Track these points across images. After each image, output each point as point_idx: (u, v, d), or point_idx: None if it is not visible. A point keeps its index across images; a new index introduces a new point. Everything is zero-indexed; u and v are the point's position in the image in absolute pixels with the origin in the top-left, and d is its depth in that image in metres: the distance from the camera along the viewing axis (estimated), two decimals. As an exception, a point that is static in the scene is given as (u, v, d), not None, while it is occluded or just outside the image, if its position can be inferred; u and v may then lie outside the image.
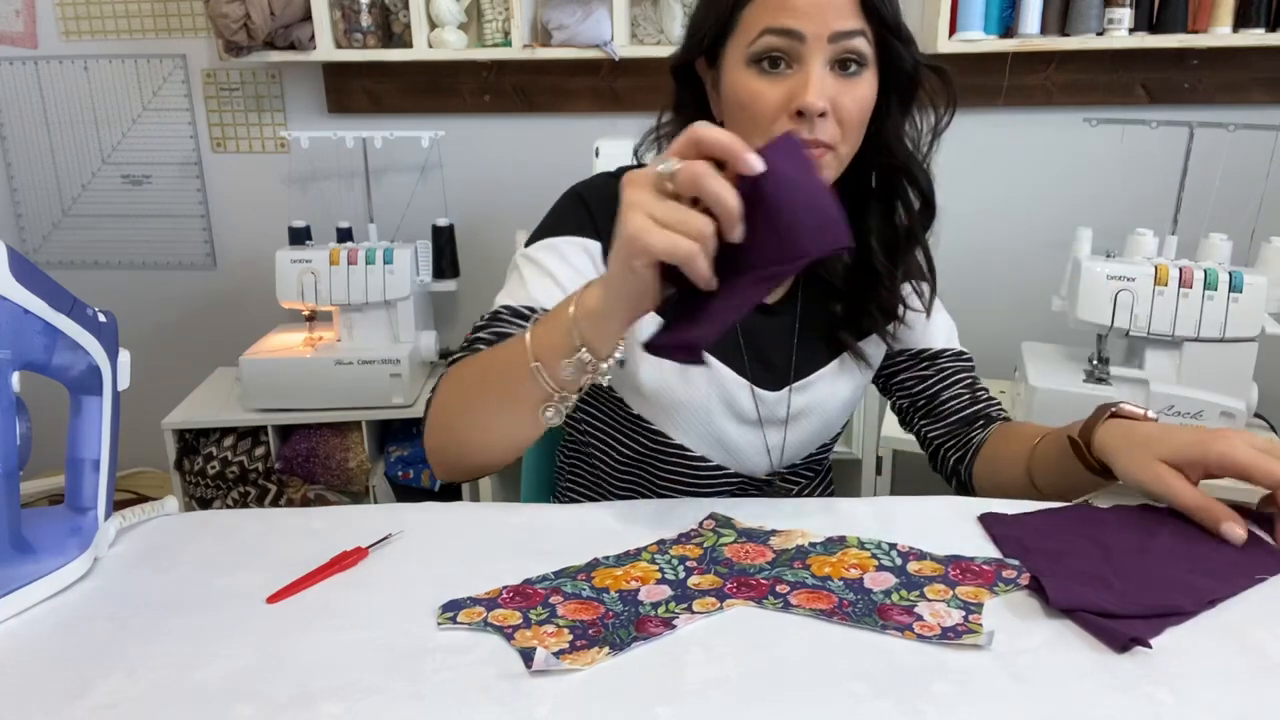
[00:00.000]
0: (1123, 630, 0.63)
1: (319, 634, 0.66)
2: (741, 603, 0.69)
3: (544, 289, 0.93)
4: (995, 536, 0.78)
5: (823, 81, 0.84)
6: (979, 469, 1.02)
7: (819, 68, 0.84)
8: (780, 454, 1.04)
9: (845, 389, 1.06)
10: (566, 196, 1.00)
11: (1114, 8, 1.89)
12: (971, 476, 1.03)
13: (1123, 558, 0.73)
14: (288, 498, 2.16)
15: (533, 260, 0.96)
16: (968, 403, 1.07)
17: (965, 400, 1.07)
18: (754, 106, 0.86)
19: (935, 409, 1.08)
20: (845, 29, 0.83)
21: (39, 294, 0.68)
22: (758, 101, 0.85)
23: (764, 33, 0.84)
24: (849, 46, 0.84)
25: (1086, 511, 0.81)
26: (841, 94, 0.85)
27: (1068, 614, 0.66)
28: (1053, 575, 0.69)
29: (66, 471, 0.77)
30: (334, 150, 2.26)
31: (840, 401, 1.06)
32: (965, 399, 1.07)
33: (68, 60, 2.33)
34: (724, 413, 0.99)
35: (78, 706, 0.59)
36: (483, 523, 0.83)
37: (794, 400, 1.02)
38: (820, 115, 0.83)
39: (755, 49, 0.85)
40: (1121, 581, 0.69)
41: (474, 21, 2.15)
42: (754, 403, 1.00)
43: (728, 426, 1.00)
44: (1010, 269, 2.23)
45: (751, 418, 1.01)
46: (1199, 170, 1.77)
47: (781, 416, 1.02)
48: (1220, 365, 1.61)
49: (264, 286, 2.12)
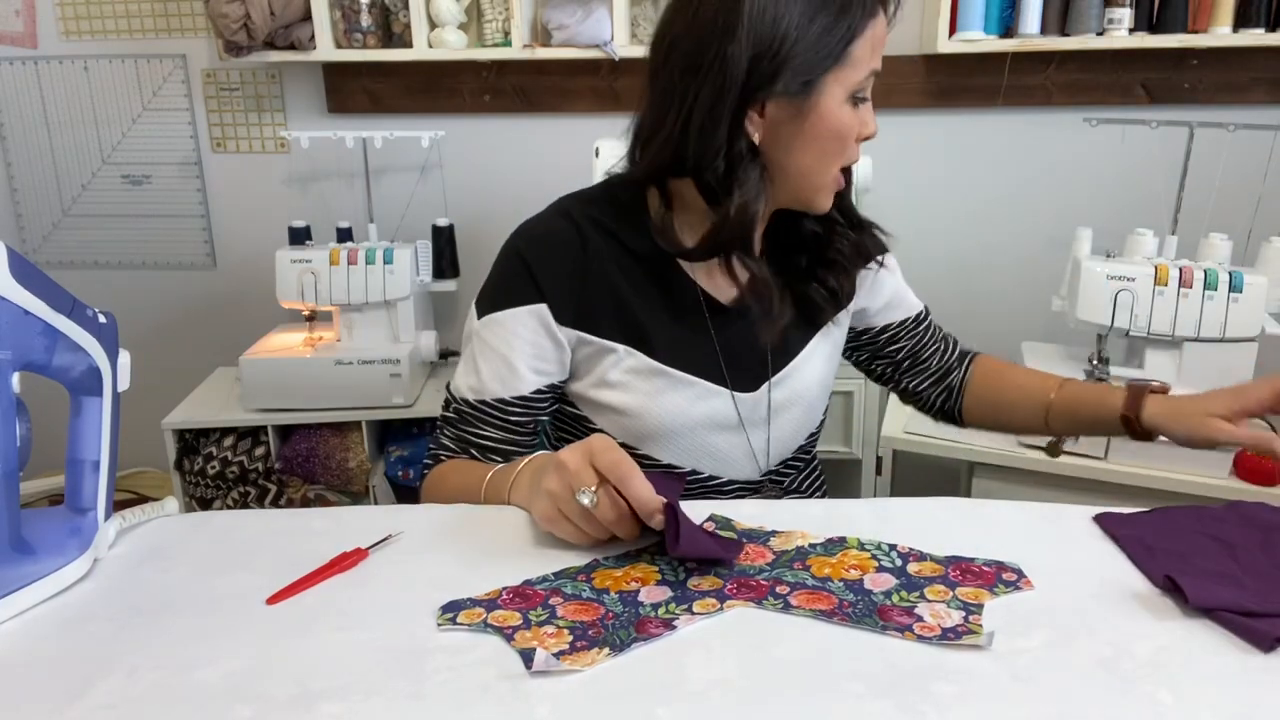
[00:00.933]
0: (1268, 630, 0.63)
1: (319, 635, 0.66)
2: (741, 604, 0.69)
3: (498, 378, 0.98)
4: (1116, 537, 0.78)
5: None
6: (970, 405, 1.18)
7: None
8: (767, 454, 1.04)
9: (822, 367, 1.06)
10: (507, 254, 0.99)
11: (1114, 8, 1.89)
12: (961, 412, 1.19)
13: (1248, 555, 0.73)
14: (288, 498, 2.16)
15: (485, 341, 0.98)
16: (942, 350, 1.19)
17: (940, 349, 1.19)
18: (848, 137, 0.91)
19: (918, 366, 1.19)
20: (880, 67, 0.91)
21: (39, 295, 0.68)
22: (850, 132, 0.91)
23: (872, 74, 0.90)
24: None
25: (1203, 510, 0.81)
26: None
27: (1207, 613, 0.66)
28: (1184, 575, 0.69)
29: (66, 472, 0.77)
30: (334, 150, 2.26)
31: (818, 383, 1.06)
32: (940, 348, 1.19)
33: (68, 60, 2.33)
34: (707, 427, 1.00)
35: (78, 706, 0.59)
36: (483, 523, 0.83)
37: (774, 395, 1.02)
38: None
39: (860, 84, 0.90)
40: (1252, 579, 0.69)
41: (474, 21, 2.15)
42: (735, 408, 1.00)
43: (713, 439, 1.00)
44: (1010, 269, 2.23)
45: (733, 424, 1.01)
46: (1199, 170, 1.77)
47: (762, 415, 1.02)
48: (1220, 365, 1.60)
49: (264, 286, 2.12)
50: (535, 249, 0.97)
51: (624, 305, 0.97)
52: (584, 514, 0.75)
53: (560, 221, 0.98)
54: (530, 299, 0.96)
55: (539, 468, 0.82)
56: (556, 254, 0.97)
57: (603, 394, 0.99)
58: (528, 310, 0.96)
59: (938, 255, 2.23)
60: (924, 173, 2.18)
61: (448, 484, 0.97)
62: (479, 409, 0.99)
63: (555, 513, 0.77)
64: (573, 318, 0.96)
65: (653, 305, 0.98)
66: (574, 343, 0.98)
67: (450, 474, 0.98)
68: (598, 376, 0.99)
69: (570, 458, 0.76)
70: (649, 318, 0.97)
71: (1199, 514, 0.81)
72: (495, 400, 0.98)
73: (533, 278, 0.96)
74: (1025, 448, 1.67)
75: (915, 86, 2.11)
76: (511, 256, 0.99)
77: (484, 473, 0.92)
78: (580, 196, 1.02)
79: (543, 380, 0.98)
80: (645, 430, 0.98)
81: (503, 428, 0.99)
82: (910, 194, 2.19)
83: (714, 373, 0.99)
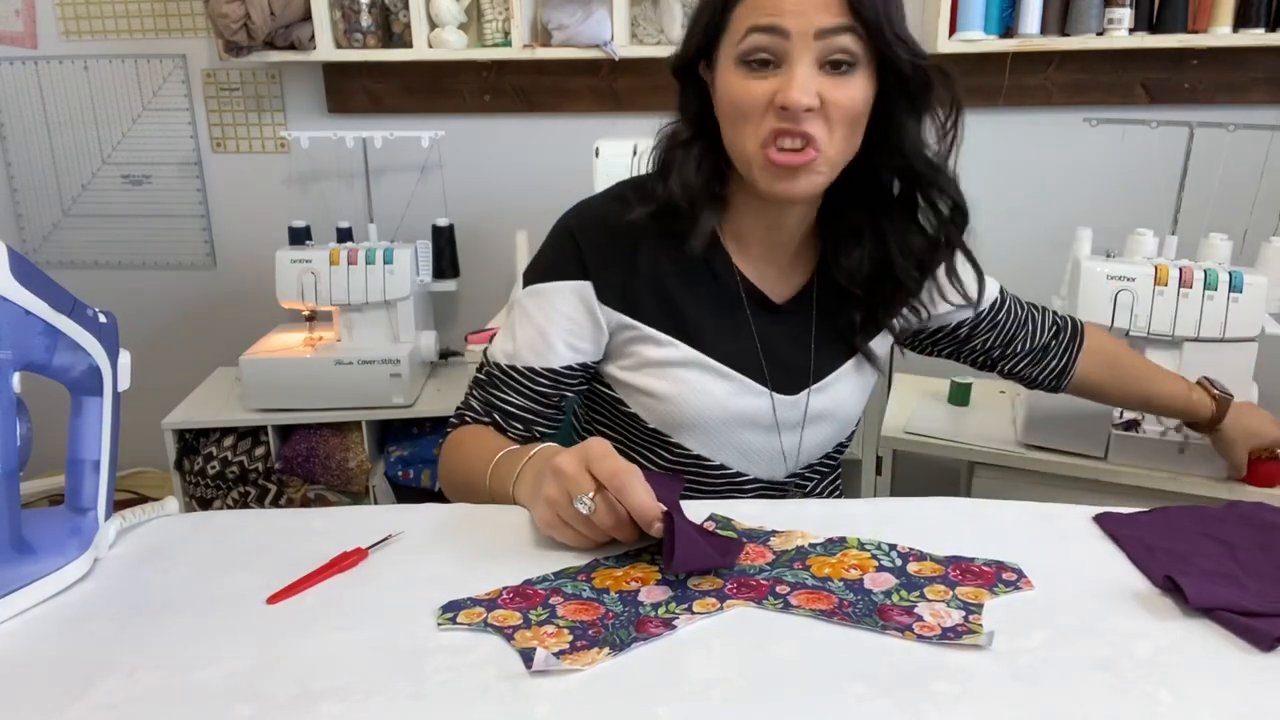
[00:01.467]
0: (1268, 630, 0.63)
1: (319, 635, 0.66)
2: (742, 603, 0.69)
3: (532, 348, 0.98)
4: (1116, 537, 0.78)
5: (808, 79, 0.84)
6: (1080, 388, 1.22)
7: (805, 65, 0.84)
8: (796, 457, 1.04)
9: (860, 389, 1.06)
10: (558, 231, 1.00)
11: (1114, 8, 1.89)
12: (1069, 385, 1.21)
13: (1247, 555, 0.73)
14: (288, 498, 2.16)
15: (526, 310, 0.99)
16: (1031, 331, 1.17)
17: (1028, 331, 1.17)
18: (743, 104, 0.86)
19: (1010, 352, 1.17)
20: (830, 25, 0.83)
21: (39, 295, 0.68)
22: (746, 99, 0.86)
23: (750, 31, 0.85)
24: (836, 44, 0.83)
25: (1202, 510, 0.81)
26: (831, 90, 0.84)
27: (1207, 613, 0.66)
28: (1184, 575, 0.69)
29: (67, 472, 0.77)
30: (334, 150, 2.26)
31: (856, 400, 1.06)
32: (1028, 330, 1.17)
33: (68, 60, 2.33)
34: (742, 423, 0.99)
35: (78, 707, 0.59)
36: (483, 523, 0.83)
37: (813, 402, 1.02)
38: (807, 111, 0.84)
39: (743, 48, 0.86)
40: (1252, 579, 0.69)
41: (474, 21, 2.15)
42: (772, 408, 1.00)
43: (746, 435, 1.00)
44: (1010, 269, 2.22)
45: (768, 423, 1.01)
46: (1199, 170, 1.77)
47: (798, 419, 1.02)
48: (1220, 365, 1.60)
49: (264, 286, 2.12)
50: (587, 230, 0.98)
51: (670, 293, 0.97)
52: (583, 520, 0.75)
53: (614, 205, 0.98)
54: (575, 275, 0.97)
55: (539, 470, 0.82)
56: (607, 236, 0.97)
57: (640, 378, 0.99)
58: (571, 286, 0.97)
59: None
60: (924, 173, 2.18)
61: (463, 450, 0.98)
62: (509, 375, 0.99)
63: (555, 519, 0.77)
64: (617, 300, 0.97)
65: (699, 296, 0.98)
66: (614, 325, 0.98)
67: (469, 440, 0.99)
68: (637, 361, 0.98)
69: (568, 464, 0.76)
70: (694, 308, 0.97)
71: (1199, 514, 0.81)
72: (525, 369, 0.98)
73: (580, 256, 0.97)
74: (1025, 447, 1.67)
75: (915, 86, 2.11)
76: (563, 234, 0.99)
77: (496, 451, 0.93)
78: (636, 183, 1.01)
79: (575, 357, 0.98)
80: (680, 419, 0.98)
81: (529, 397, 0.99)
82: (910, 194, 2.18)
83: (754, 370, 0.99)
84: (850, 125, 0.87)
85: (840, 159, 0.89)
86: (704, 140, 0.95)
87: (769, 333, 1.00)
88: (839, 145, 0.87)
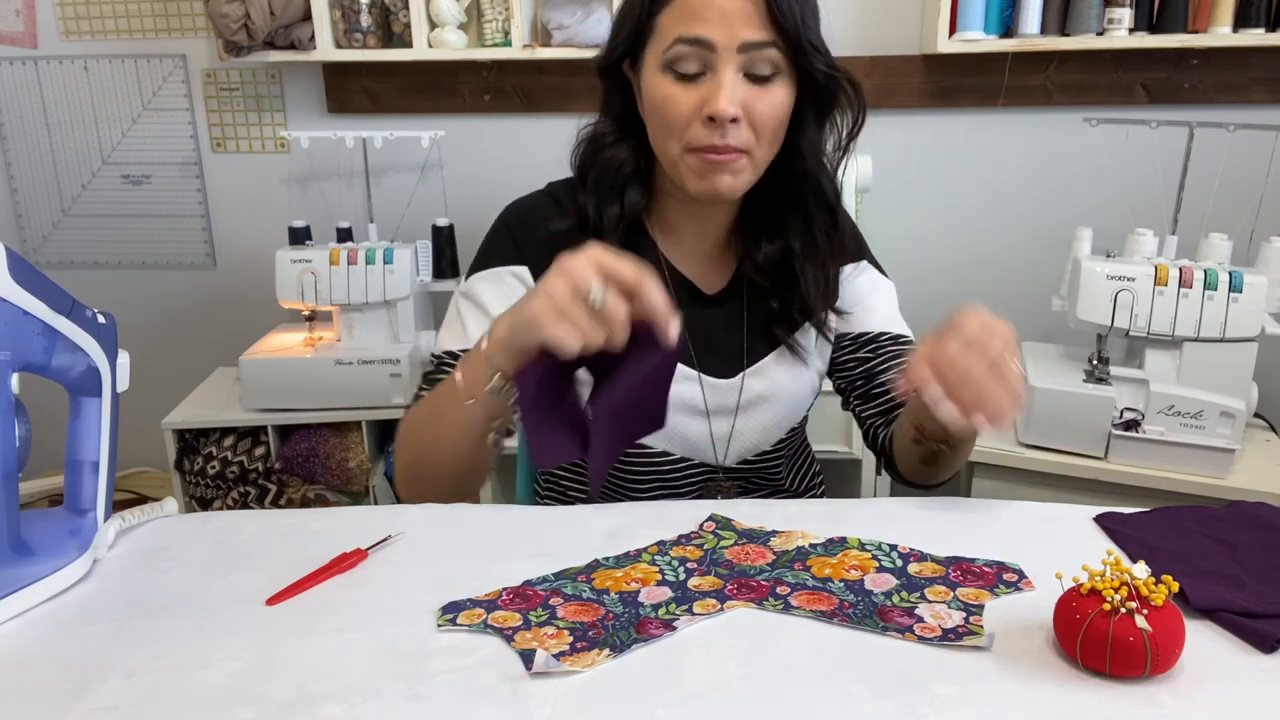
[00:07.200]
0: (1269, 630, 0.63)
1: (318, 636, 0.66)
2: (742, 604, 0.69)
3: (480, 327, 0.95)
4: (1117, 536, 0.78)
5: (734, 89, 0.87)
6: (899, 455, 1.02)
7: (730, 75, 0.87)
8: (727, 445, 1.03)
9: (795, 379, 1.04)
10: (495, 225, 1.04)
11: (1114, 8, 1.89)
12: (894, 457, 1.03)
13: (1248, 556, 0.73)
14: (288, 498, 2.16)
15: (468, 297, 1.01)
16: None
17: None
18: (669, 111, 0.89)
19: (871, 391, 1.06)
20: (755, 40, 0.86)
21: (38, 295, 0.68)
22: (672, 107, 0.89)
23: (676, 41, 0.88)
24: (760, 57, 0.87)
25: (1202, 510, 0.82)
26: (755, 100, 0.88)
27: (1208, 614, 0.66)
28: (1185, 575, 0.68)
29: (66, 473, 0.77)
30: (334, 150, 2.26)
31: (794, 390, 1.04)
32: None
33: (68, 60, 2.33)
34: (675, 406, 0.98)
35: (77, 708, 0.59)
36: (482, 524, 0.83)
37: (749, 385, 1.02)
38: (732, 121, 0.87)
39: (669, 56, 0.88)
40: (1253, 580, 0.69)
41: (474, 21, 2.15)
42: (701, 393, 1.00)
43: (679, 419, 1.00)
44: (1010, 269, 2.23)
45: (699, 408, 1.01)
46: (1199, 170, 1.77)
47: (732, 405, 1.02)
48: (1220, 365, 1.60)
49: (264, 286, 2.11)
50: (522, 219, 1.02)
51: None
52: (586, 312, 0.73)
53: (544, 199, 1.04)
54: (512, 260, 1.00)
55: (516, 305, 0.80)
56: (539, 225, 1.01)
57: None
58: (509, 270, 1.00)
59: (937, 255, 2.23)
60: (924, 173, 2.18)
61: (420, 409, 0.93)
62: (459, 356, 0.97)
63: (552, 310, 0.74)
64: None
65: None
66: None
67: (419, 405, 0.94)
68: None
69: (577, 259, 0.75)
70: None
71: (1199, 514, 0.81)
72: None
73: (515, 242, 1.01)
74: (1025, 447, 1.67)
75: (915, 86, 2.11)
76: (499, 226, 1.04)
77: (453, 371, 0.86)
78: (567, 181, 1.05)
79: None
80: None
81: None
82: (910, 194, 2.18)
83: (684, 355, 0.99)
84: (774, 131, 0.91)
85: (764, 161, 0.93)
86: (629, 140, 0.98)
87: (700, 320, 1.00)
88: (764, 150, 0.92)
